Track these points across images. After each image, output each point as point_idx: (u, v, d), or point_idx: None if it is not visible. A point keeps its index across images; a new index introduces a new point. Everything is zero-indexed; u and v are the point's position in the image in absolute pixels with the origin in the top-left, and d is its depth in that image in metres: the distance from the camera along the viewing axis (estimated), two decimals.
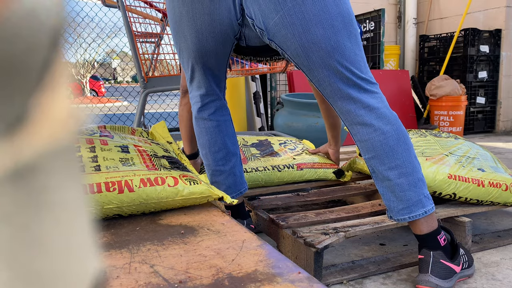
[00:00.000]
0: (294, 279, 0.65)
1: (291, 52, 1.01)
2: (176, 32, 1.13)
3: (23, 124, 0.15)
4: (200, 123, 1.24)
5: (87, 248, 0.19)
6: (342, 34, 0.98)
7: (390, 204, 1.07)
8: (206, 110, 1.23)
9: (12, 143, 0.15)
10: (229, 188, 1.27)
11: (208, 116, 1.23)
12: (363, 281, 1.15)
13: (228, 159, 1.26)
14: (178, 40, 1.14)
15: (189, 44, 1.11)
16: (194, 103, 1.24)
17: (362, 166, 1.71)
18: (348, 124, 1.06)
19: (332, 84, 1.01)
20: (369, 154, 1.05)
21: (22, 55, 0.15)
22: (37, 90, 0.16)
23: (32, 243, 0.16)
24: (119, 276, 0.68)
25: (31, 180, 0.16)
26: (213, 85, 1.22)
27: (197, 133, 1.27)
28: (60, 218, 0.18)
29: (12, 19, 0.14)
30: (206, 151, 1.25)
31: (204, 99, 1.23)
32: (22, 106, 0.15)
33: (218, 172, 1.26)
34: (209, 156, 1.25)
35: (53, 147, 0.17)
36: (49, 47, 0.16)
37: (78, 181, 0.19)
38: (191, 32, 1.09)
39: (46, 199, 0.17)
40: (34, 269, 0.16)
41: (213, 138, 1.24)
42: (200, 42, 1.09)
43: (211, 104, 1.23)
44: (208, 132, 1.24)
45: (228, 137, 1.26)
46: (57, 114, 0.17)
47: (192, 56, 1.14)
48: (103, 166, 0.99)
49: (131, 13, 2.20)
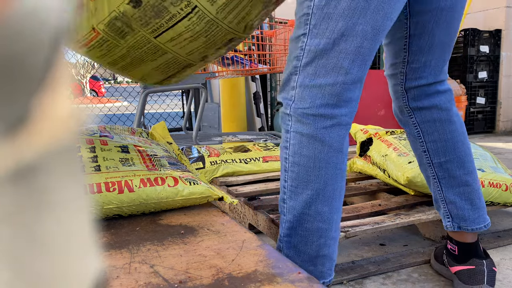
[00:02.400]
0: (294, 279, 0.65)
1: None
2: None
3: (24, 124, 0.15)
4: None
5: (88, 248, 0.19)
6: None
7: (464, 213, 1.00)
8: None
9: (13, 143, 0.15)
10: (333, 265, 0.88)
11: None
12: (363, 281, 1.15)
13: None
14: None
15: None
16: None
17: (362, 166, 1.71)
18: (426, 121, 1.01)
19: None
20: (448, 156, 0.98)
21: (23, 54, 0.15)
22: (38, 90, 0.16)
23: (33, 243, 0.16)
24: (119, 276, 0.68)
25: (32, 180, 0.16)
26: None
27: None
28: (61, 218, 0.18)
29: (14, 18, 0.14)
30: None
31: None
32: (24, 106, 0.15)
33: (334, 241, 0.86)
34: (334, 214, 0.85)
35: (54, 147, 0.17)
36: (50, 47, 0.16)
37: (79, 181, 0.19)
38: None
39: (47, 199, 0.17)
40: (35, 270, 0.16)
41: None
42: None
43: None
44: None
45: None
46: (58, 114, 0.17)
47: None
48: (103, 166, 0.99)
49: None
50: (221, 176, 1.71)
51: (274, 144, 2.09)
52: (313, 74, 0.78)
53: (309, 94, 0.79)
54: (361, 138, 1.77)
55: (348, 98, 0.79)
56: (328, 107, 0.78)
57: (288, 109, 0.82)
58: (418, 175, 1.36)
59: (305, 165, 0.80)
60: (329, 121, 0.78)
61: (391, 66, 1.06)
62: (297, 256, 0.84)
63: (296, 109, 0.81)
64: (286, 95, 0.83)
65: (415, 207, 1.40)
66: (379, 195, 1.59)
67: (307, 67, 0.79)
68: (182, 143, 2.38)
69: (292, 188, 0.83)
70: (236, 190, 1.54)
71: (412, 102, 1.04)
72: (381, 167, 1.57)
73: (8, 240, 0.16)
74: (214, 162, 1.73)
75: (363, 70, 0.79)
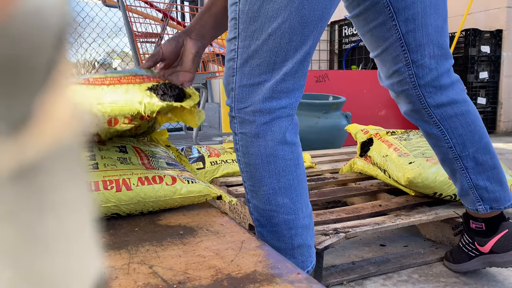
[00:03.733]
0: (293, 280, 0.65)
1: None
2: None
3: (27, 124, 0.15)
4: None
5: (89, 249, 0.19)
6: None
7: (496, 194, 1.02)
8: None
9: (16, 143, 0.15)
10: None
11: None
12: (363, 282, 1.14)
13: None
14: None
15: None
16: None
17: (363, 167, 1.71)
18: (447, 117, 1.01)
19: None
20: (475, 145, 1.00)
21: (27, 54, 0.15)
22: (41, 89, 0.16)
23: (35, 243, 0.16)
24: (118, 276, 0.68)
25: (35, 180, 0.16)
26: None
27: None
28: (63, 218, 0.18)
29: (17, 18, 0.14)
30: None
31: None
32: (27, 105, 0.15)
33: (305, 229, 0.88)
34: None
35: (57, 147, 0.17)
36: (54, 47, 0.16)
37: (82, 181, 0.19)
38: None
39: (50, 199, 0.17)
40: (36, 269, 0.16)
41: None
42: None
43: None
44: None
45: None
46: (60, 114, 0.17)
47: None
48: (101, 164, 0.99)
49: (131, 13, 2.20)
50: (221, 176, 1.71)
51: None
52: (249, 73, 0.81)
53: (247, 93, 0.82)
54: (361, 138, 1.76)
55: (285, 90, 0.81)
56: (266, 102, 0.81)
57: (232, 112, 0.85)
58: (418, 176, 1.36)
59: (254, 164, 0.83)
60: (268, 116, 0.81)
61: (393, 74, 1.03)
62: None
63: (239, 110, 0.83)
64: (228, 98, 0.86)
65: (415, 207, 1.40)
66: (380, 195, 1.59)
67: (243, 67, 0.82)
68: (182, 143, 2.38)
69: (250, 187, 0.86)
70: (236, 190, 1.54)
71: (430, 100, 1.01)
72: (381, 168, 1.57)
73: (9, 240, 0.16)
74: (215, 162, 1.73)
75: (296, 61, 0.81)
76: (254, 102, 0.81)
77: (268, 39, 0.79)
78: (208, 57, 2.30)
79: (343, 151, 2.28)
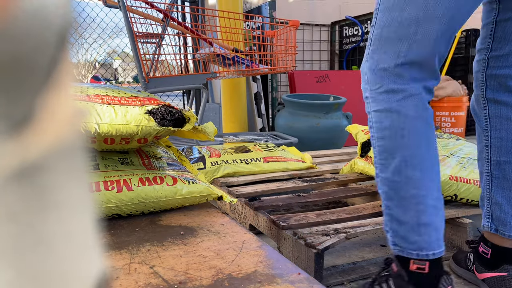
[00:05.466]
0: (294, 280, 0.65)
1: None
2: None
3: (29, 123, 0.15)
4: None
5: (90, 249, 0.19)
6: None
7: (506, 217, 0.99)
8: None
9: (18, 142, 0.15)
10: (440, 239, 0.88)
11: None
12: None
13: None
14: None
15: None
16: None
17: (363, 167, 1.71)
18: (498, 116, 1.01)
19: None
20: (509, 157, 0.99)
21: (30, 54, 0.15)
22: (44, 89, 0.16)
23: (37, 243, 0.16)
24: (119, 277, 0.68)
25: (37, 179, 0.16)
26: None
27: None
28: (65, 218, 0.18)
29: (21, 17, 0.14)
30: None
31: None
32: (29, 105, 0.15)
33: (435, 209, 0.86)
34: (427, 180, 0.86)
35: (58, 147, 0.17)
36: (56, 46, 0.16)
37: (83, 181, 0.19)
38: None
39: (51, 198, 0.17)
40: (38, 269, 0.16)
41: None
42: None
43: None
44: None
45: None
46: (63, 113, 0.17)
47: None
48: (102, 165, 0.99)
49: (132, 14, 2.20)
50: (222, 177, 1.71)
51: (275, 145, 2.09)
52: (378, 60, 0.87)
53: (377, 77, 0.87)
54: (362, 139, 1.76)
55: (412, 77, 0.85)
56: (396, 84, 0.85)
57: (365, 93, 0.91)
58: None
59: (388, 137, 0.86)
60: (400, 95, 0.85)
61: (478, 51, 1.06)
62: (399, 228, 0.86)
63: (371, 91, 0.89)
64: (362, 82, 0.92)
65: None
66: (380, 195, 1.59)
67: (373, 54, 0.88)
68: (183, 143, 2.38)
69: (381, 161, 0.88)
70: (237, 190, 1.54)
71: (489, 93, 1.03)
72: None
73: (12, 239, 0.15)
74: (215, 163, 1.73)
75: (422, 53, 0.84)
76: (385, 84, 0.86)
77: (397, 28, 0.84)
78: (208, 58, 2.30)
79: (344, 152, 2.28)
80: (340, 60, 4.51)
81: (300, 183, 1.67)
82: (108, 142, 0.95)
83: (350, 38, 4.36)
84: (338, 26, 4.45)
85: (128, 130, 0.92)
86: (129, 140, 0.96)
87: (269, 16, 3.22)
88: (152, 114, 0.96)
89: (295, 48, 2.42)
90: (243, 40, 2.64)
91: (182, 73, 2.29)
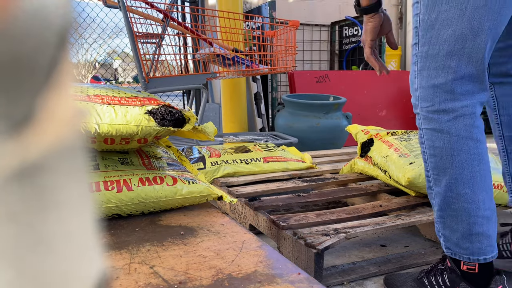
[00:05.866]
0: (294, 280, 0.65)
1: None
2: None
3: (30, 123, 0.15)
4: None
5: (91, 249, 0.19)
6: None
7: None
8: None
9: (19, 142, 0.15)
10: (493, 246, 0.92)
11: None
12: (364, 282, 1.14)
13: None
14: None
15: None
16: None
17: (363, 167, 1.71)
18: (505, 94, 1.05)
19: None
20: None
21: (30, 54, 0.15)
22: (44, 89, 0.16)
23: (37, 243, 0.16)
24: (119, 277, 0.68)
25: (37, 179, 0.16)
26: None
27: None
28: (65, 218, 0.18)
29: (21, 17, 0.14)
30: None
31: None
32: (29, 105, 0.15)
33: (486, 219, 0.91)
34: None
35: (59, 147, 0.17)
36: (56, 46, 0.16)
37: (84, 180, 0.19)
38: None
39: (52, 198, 0.17)
40: (38, 269, 0.16)
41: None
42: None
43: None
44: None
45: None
46: (63, 113, 0.17)
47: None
48: (102, 165, 0.99)
49: (132, 14, 2.20)
50: (222, 177, 1.71)
51: (275, 145, 2.09)
52: (427, 76, 0.90)
53: (428, 94, 0.90)
54: (362, 139, 1.76)
55: (464, 92, 0.88)
56: (447, 102, 0.88)
57: (416, 109, 0.94)
58: (419, 176, 1.36)
59: (439, 155, 0.90)
60: (451, 115, 0.88)
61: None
62: (452, 235, 0.92)
63: (422, 108, 0.92)
64: (413, 97, 0.95)
65: (416, 208, 1.39)
66: (380, 196, 1.59)
67: (422, 71, 0.91)
68: (183, 143, 2.38)
69: (434, 176, 0.93)
70: (237, 190, 1.54)
71: (492, 78, 1.08)
72: (382, 168, 1.57)
73: (12, 239, 0.15)
74: (215, 163, 1.73)
75: (472, 66, 0.87)
76: (436, 103, 0.89)
77: (443, 45, 0.87)
78: (208, 58, 2.30)
79: (344, 152, 2.28)
80: (340, 60, 4.51)
81: (300, 183, 1.67)
82: (108, 142, 0.95)
83: (350, 38, 4.36)
84: (338, 26, 4.44)
85: (128, 130, 0.92)
86: (129, 140, 0.96)
87: (269, 16, 3.22)
88: (152, 114, 0.96)
89: (295, 48, 2.42)
90: (243, 40, 2.64)
91: (182, 73, 2.29)
